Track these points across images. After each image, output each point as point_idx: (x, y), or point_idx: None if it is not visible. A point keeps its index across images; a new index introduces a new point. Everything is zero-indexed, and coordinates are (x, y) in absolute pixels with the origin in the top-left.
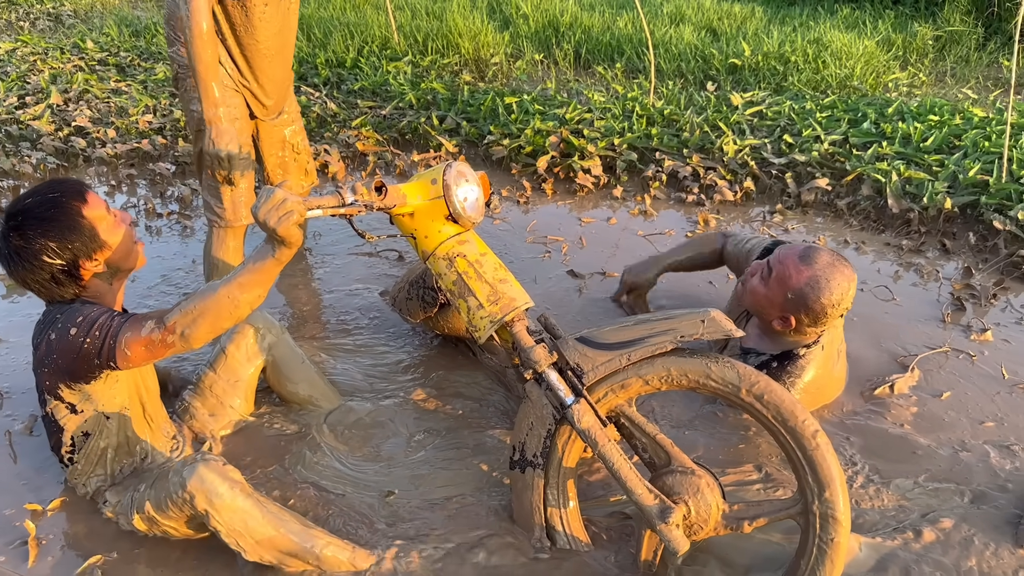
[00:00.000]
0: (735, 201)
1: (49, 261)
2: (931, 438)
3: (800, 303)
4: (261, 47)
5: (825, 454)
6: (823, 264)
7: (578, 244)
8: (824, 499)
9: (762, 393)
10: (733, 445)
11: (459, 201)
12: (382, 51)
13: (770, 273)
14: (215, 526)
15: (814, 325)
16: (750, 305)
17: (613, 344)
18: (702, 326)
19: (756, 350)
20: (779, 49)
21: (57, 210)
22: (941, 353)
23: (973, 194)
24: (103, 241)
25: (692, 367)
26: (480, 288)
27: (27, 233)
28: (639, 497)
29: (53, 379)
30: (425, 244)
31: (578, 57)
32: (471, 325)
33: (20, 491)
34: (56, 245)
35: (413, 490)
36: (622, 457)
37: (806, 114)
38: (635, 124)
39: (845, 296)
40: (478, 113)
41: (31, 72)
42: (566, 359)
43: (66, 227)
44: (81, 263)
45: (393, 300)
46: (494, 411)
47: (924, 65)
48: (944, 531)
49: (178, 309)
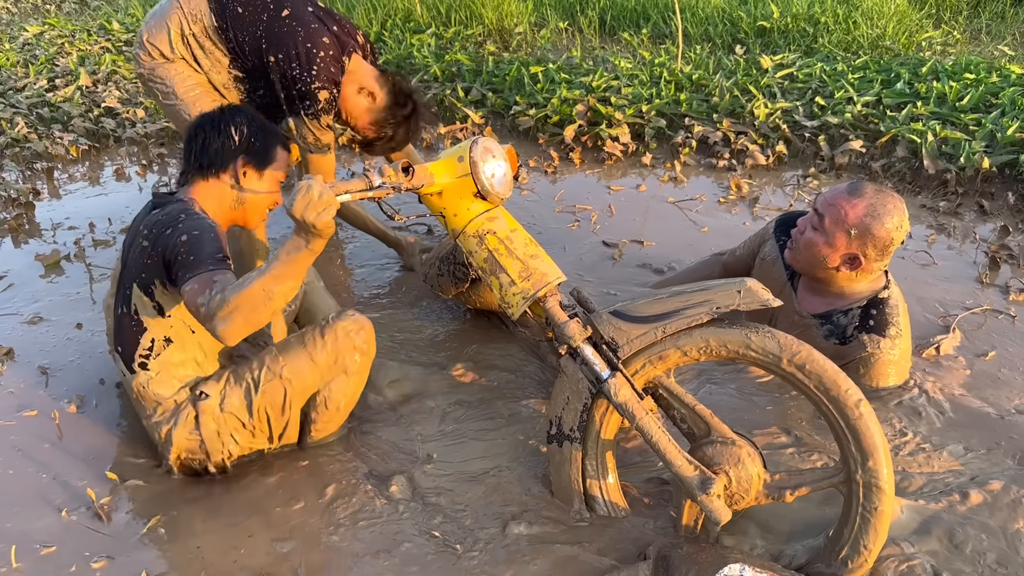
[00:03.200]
0: (767, 165)
1: (231, 132)
2: (983, 399)
3: (865, 235)
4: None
5: (869, 423)
6: (872, 192)
7: (607, 212)
8: (868, 468)
9: (804, 363)
10: (761, 408)
11: (487, 178)
12: (405, 24)
13: (821, 220)
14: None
15: (881, 257)
16: (807, 261)
17: (648, 317)
18: (738, 296)
19: (838, 309)
20: (808, 10)
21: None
22: (980, 313)
23: (1012, 153)
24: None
25: (732, 337)
26: (511, 264)
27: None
28: (679, 469)
29: (151, 273)
30: (455, 222)
31: (603, 24)
32: (504, 302)
33: (78, 465)
34: (247, 129)
35: (449, 462)
36: (660, 429)
37: (838, 76)
38: (663, 90)
39: (903, 219)
40: (503, 84)
41: (59, 55)
42: (600, 333)
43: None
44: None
45: (425, 276)
46: (529, 381)
47: (958, 23)
48: (992, 493)
49: (220, 297)
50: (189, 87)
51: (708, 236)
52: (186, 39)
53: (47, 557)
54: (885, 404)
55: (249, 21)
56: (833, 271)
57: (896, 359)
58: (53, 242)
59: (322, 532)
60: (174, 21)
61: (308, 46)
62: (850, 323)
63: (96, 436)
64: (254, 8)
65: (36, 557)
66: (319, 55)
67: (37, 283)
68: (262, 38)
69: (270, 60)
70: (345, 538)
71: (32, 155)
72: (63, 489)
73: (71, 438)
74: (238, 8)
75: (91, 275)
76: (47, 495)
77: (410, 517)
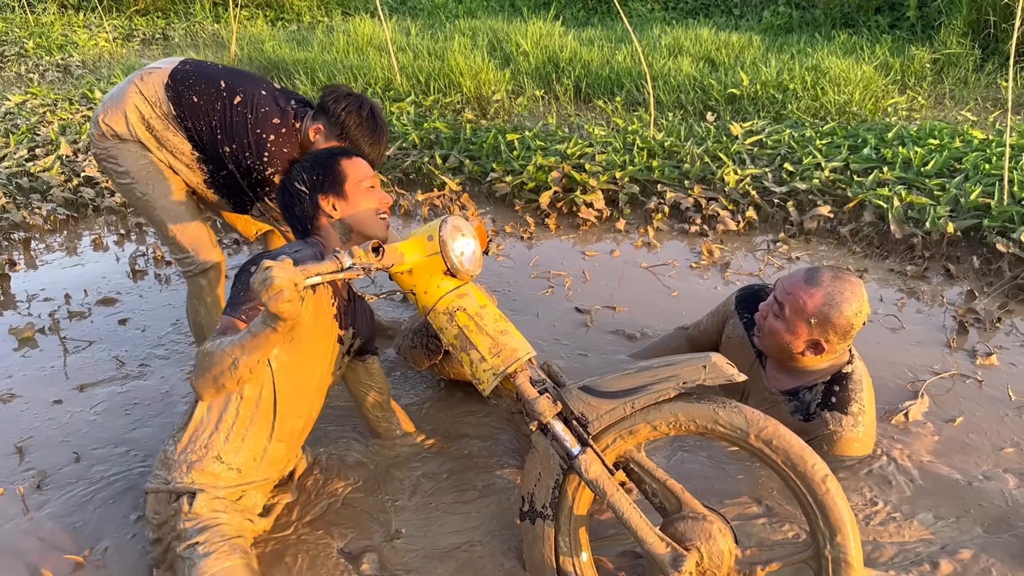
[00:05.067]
0: (738, 231)
1: (297, 187)
2: (951, 466)
3: (825, 323)
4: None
5: (836, 498)
6: (829, 280)
7: (582, 278)
8: (836, 543)
9: (771, 438)
10: (732, 476)
11: (456, 256)
12: (385, 92)
13: (782, 308)
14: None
15: (844, 340)
16: (773, 346)
17: (616, 392)
18: (704, 371)
19: (803, 386)
20: (777, 77)
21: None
22: (948, 378)
23: (975, 217)
24: (345, 191)
25: (700, 412)
26: (482, 341)
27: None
28: (651, 546)
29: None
30: (425, 300)
31: (578, 91)
32: (475, 378)
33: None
34: (306, 174)
35: (420, 536)
36: (632, 506)
37: (806, 142)
38: (636, 157)
39: (862, 303)
40: (481, 151)
41: (40, 124)
42: (571, 409)
43: (320, 165)
44: (320, 199)
45: (398, 349)
46: (504, 450)
47: (923, 88)
48: (962, 562)
49: (202, 349)
50: (142, 166)
51: (680, 301)
52: (147, 122)
53: None
54: (855, 473)
55: (204, 111)
56: (799, 355)
57: (859, 436)
58: (28, 314)
59: None
60: (131, 105)
61: (258, 132)
62: (813, 399)
63: (63, 517)
64: (208, 97)
65: None
66: (269, 139)
67: (11, 357)
68: (216, 128)
69: (225, 151)
70: None
71: (10, 225)
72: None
73: (38, 516)
74: (193, 97)
75: (65, 348)
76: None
77: None
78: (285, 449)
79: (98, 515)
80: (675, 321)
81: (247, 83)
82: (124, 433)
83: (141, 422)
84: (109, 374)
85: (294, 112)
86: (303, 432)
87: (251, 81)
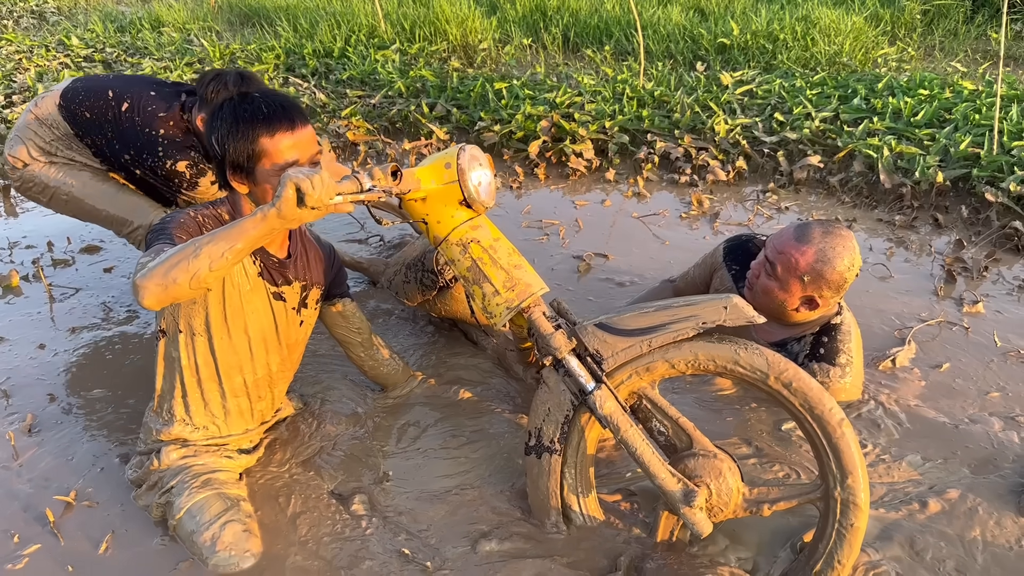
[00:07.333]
0: (727, 181)
1: (215, 145)
2: (938, 410)
3: (818, 279)
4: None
5: (850, 442)
6: (820, 235)
7: (575, 227)
8: (847, 486)
9: (790, 381)
10: (722, 418)
11: (473, 185)
12: (369, 40)
13: (774, 267)
14: None
15: (837, 294)
16: (766, 304)
17: (633, 330)
18: (724, 312)
19: (792, 337)
20: (767, 27)
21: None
22: (935, 325)
23: (965, 167)
24: (256, 175)
25: (720, 353)
26: (495, 274)
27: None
28: (662, 481)
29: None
30: (437, 229)
31: (567, 41)
32: (487, 312)
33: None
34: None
35: (410, 479)
36: (644, 442)
37: (796, 92)
38: (626, 106)
39: (855, 256)
40: (468, 99)
41: (17, 71)
42: (585, 345)
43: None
44: (229, 175)
45: (389, 282)
46: (495, 394)
47: (913, 40)
48: (950, 502)
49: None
50: (56, 175)
51: (670, 250)
52: (45, 149)
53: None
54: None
55: (98, 123)
56: (793, 311)
57: (846, 386)
58: (11, 261)
59: (286, 550)
60: (28, 133)
61: (147, 131)
62: (802, 351)
63: (52, 457)
64: (99, 110)
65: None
66: (160, 132)
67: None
68: (113, 139)
69: (125, 159)
70: (309, 556)
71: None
72: (22, 510)
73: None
74: (85, 113)
75: (51, 295)
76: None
77: (375, 535)
78: (249, 402)
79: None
80: (666, 270)
81: (135, 87)
82: (113, 377)
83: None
84: (98, 319)
85: (181, 105)
86: (272, 383)
87: (139, 84)
